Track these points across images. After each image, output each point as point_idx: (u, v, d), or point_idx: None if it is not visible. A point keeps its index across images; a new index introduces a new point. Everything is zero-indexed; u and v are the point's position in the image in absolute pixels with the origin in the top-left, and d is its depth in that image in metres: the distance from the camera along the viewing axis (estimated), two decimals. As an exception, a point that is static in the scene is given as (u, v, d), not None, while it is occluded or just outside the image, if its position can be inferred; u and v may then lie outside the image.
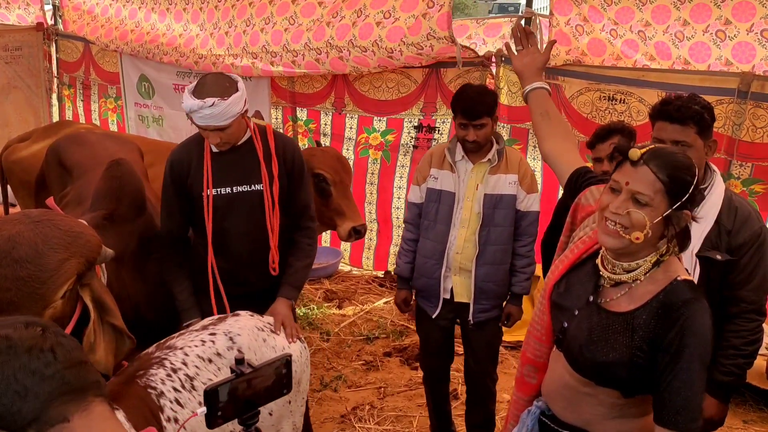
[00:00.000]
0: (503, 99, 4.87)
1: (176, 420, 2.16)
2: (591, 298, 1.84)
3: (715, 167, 2.48)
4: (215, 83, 2.74)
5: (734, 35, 3.93)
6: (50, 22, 7.23)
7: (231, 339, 2.45)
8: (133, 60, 6.55)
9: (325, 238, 6.04)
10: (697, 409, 1.67)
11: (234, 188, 2.87)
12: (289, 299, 2.90)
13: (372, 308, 5.37)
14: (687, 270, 1.83)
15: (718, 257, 2.36)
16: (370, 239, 5.76)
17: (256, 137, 2.90)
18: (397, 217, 5.51)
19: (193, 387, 2.28)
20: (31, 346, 1.08)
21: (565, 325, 1.88)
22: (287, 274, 2.97)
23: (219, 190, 2.86)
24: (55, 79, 7.29)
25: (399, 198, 5.46)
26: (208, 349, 2.39)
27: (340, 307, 5.42)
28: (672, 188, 1.67)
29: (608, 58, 4.42)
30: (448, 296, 3.30)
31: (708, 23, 3.99)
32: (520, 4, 20.98)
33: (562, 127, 2.31)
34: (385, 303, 5.42)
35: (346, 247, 5.95)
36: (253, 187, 2.88)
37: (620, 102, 4.32)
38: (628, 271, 1.77)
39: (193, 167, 2.88)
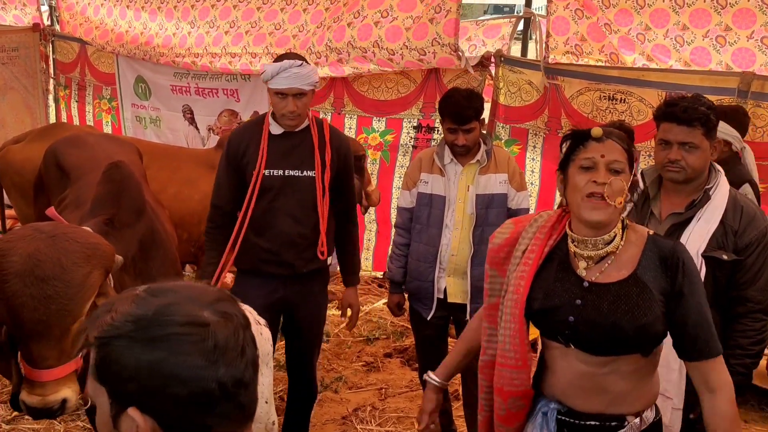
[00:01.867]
0: (502, 99, 4.87)
1: None
2: (586, 284, 1.90)
3: (719, 167, 2.48)
4: (295, 55, 3.04)
5: (734, 41, 3.95)
6: (47, 22, 7.20)
7: None
8: (130, 61, 6.51)
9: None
10: (714, 332, 1.90)
11: (286, 171, 3.01)
12: (355, 286, 3.38)
13: (371, 309, 5.36)
14: None
15: (725, 257, 2.35)
16: (369, 240, 5.74)
17: (313, 126, 3.06)
18: (395, 220, 5.48)
19: None
20: (232, 359, 0.96)
21: (572, 319, 1.89)
22: (348, 263, 3.37)
23: (272, 171, 3.00)
24: (52, 80, 7.26)
25: (398, 198, 5.44)
26: None
27: (339, 308, 5.39)
28: (630, 156, 1.89)
29: (608, 45, 4.40)
30: (441, 296, 3.32)
31: (708, 29, 4.00)
32: (515, 5, 20.95)
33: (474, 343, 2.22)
34: (385, 304, 5.36)
35: (345, 248, 5.93)
36: (305, 173, 3.03)
37: (621, 102, 4.32)
38: (608, 243, 1.89)
39: (251, 147, 3.03)
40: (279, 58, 2.98)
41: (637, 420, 1.92)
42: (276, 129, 3.03)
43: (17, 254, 2.01)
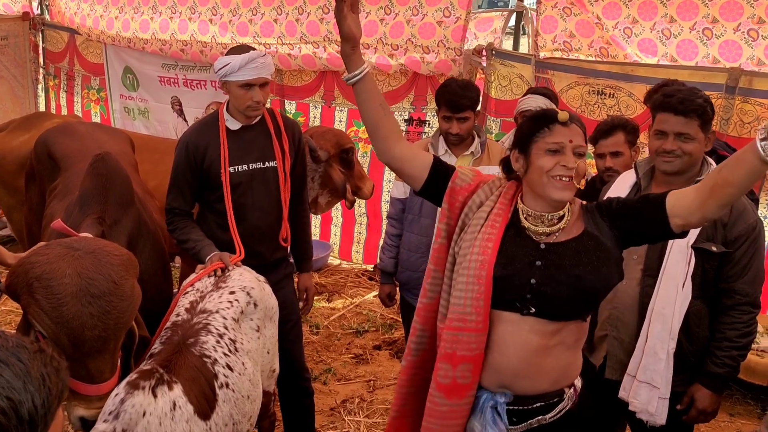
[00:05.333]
0: (493, 93, 4.88)
1: (227, 385, 2.24)
2: (542, 245, 1.96)
3: (711, 160, 2.49)
4: (248, 46, 2.97)
5: (721, 33, 3.97)
6: (36, 11, 7.15)
7: (248, 294, 2.57)
8: (118, 51, 6.48)
9: (314, 231, 6.01)
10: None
11: (250, 165, 3.00)
12: (310, 272, 3.38)
13: (361, 302, 5.37)
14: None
15: (714, 249, 2.37)
16: (360, 233, 5.75)
17: (267, 116, 3.06)
18: (387, 211, 5.49)
19: (236, 349, 2.36)
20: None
21: (533, 281, 1.92)
22: (302, 249, 3.33)
23: (236, 167, 2.97)
24: (41, 70, 7.20)
25: (389, 191, 5.43)
26: (236, 309, 2.48)
27: (329, 300, 5.41)
28: (586, 140, 1.98)
29: (597, 40, 4.43)
30: None
31: (695, 21, 4.02)
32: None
33: (395, 119, 2.18)
34: (375, 296, 5.39)
35: (335, 240, 5.93)
36: (267, 164, 3.03)
37: (609, 96, 4.34)
38: (561, 218, 1.98)
39: (210, 148, 2.98)
40: (234, 50, 2.92)
41: (572, 390, 2.03)
42: (233, 124, 3.00)
43: (66, 275, 2.00)
